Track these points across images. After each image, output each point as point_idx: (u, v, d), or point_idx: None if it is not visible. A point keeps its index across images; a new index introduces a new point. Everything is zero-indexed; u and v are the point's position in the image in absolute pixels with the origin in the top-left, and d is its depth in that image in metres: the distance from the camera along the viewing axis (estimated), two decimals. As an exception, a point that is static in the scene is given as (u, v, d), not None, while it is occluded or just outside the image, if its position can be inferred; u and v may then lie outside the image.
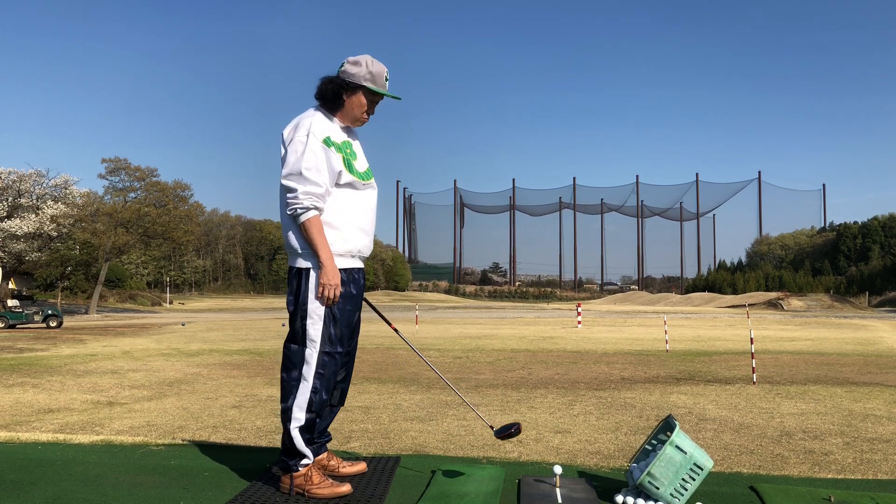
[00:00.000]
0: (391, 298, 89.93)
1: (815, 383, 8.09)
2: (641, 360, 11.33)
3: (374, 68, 3.03)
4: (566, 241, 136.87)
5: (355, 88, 3.02)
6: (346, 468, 3.29)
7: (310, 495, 2.94)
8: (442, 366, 10.19)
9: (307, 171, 2.90)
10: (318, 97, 3.07)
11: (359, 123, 3.13)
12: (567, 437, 4.92)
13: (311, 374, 2.96)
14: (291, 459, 2.99)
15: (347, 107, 3.05)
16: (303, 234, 2.96)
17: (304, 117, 3.03)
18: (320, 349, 2.97)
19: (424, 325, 24.40)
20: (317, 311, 2.97)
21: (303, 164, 2.90)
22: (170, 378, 8.82)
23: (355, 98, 3.04)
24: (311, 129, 2.95)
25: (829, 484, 3.41)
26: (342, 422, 5.46)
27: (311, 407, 2.96)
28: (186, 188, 47.63)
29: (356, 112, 3.07)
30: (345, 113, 3.07)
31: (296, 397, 2.96)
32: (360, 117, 3.10)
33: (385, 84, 3.07)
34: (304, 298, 2.98)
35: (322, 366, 2.97)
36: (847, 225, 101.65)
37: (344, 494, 2.94)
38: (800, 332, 21.41)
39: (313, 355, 2.97)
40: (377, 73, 3.03)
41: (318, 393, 2.97)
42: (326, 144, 2.96)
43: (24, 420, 5.72)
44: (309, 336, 2.97)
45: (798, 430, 5.20)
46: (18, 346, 15.36)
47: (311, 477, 2.97)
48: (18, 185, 40.97)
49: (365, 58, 3.04)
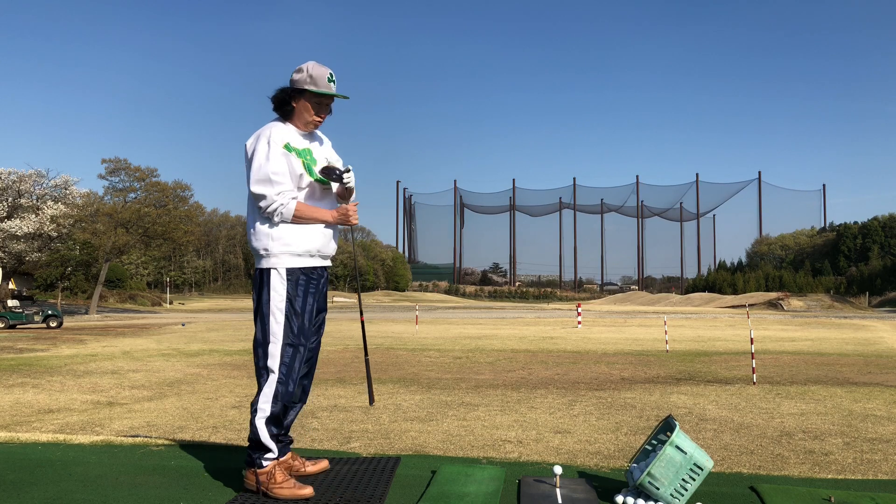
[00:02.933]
0: (391, 299, 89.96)
1: (815, 383, 8.09)
2: (641, 361, 11.32)
3: (314, 71, 3.18)
4: (566, 242, 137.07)
5: (300, 93, 3.18)
6: (309, 468, 3.34)
7: (271, 494, 2.97)
8: (442, 366, 10.19)
9: (274, 176, 3.06)
10: (274, 108, 3.25)
11: (312, 126, 3.26)
12: (567, 437, 4.91)
13: (276, 366, 3.06)
14: (255, 453, 3.03)
15: (297, 112, 3.20)
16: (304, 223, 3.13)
17: (264, 128, 3.20)
18: (283, 341, 3.08)
19: (424, 326, 24.40)
20: (278, 306, 3.09)
21: (269, 169, 3.06)
22: (170, 378, 8.81)
23: (302, 102, 3.19)
24: (270, 137, 3.11)
25: (829, 484, 3.41)
26: (342, 422, 5.47)
27: (277, 398, 3.04)
28: (186, 188, 47.63)
29: (306, 116, 3.21)
30: (297, 118, 3.22)
31: (262, 390, 3.06)
32: (311, 120, 3.23)
33: (329, 85, 3.19)
34: (266, 298, 3.11)
35: (287, 356, 3.08)
36: (847, 225, 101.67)
37: (306, 497, 2.96)
38: (800, 333, 21.41)
39: (277, 347, 3.07)
40: (318, 75, 3.17)
41: (284, 384, 3.06)
42: (287, 150, 3.11)
43: (24, 420, 5.72)
44: (272, 332, 3.08)
45: (798, 430, 5.20)
46: (18, 346, 15.36)
47: (275, 475, 3.01)
48: (18, 186, 40.97)
49: (307, 64, 3.21)
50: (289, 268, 3.11)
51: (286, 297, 3.09)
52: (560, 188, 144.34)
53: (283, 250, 3.10)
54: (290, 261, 3.11)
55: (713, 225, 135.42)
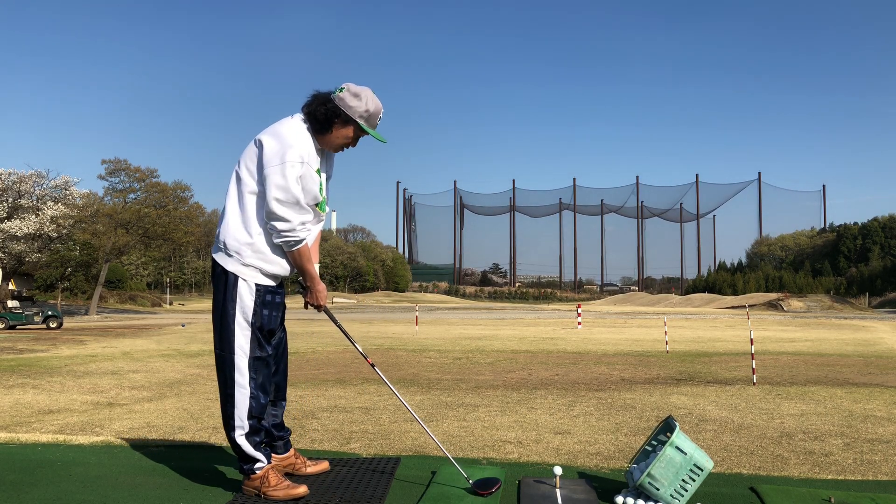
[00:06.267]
0: (391, 299, 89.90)
1: (815, 384, 8.09)
2: (641, 361, 11.33)
3: (371, 107, 2.95)
4: (566, 242, 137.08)
5: (347, 121, 2.95)
6: (309, 468, 3.35)
7: (267, 497, 2.98)
8: (442, 367, 10.19)
9: (304, 201, 2.90)
10: (308, 115, 2.98)
11: (335, 150, 3.08)
12: (567, 437, 4.91)
13: (246, 381, 2.99)
14: (246, 465, 3.04)
15: (334, 135, 2.98)
16: (293, 259, 3.00)
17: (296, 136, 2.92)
18: (250, 355, 2.99)
19: (424, 326, 24.39)
20: (245, 317, 2.97)
21: (299, 194, 2.87)
22: (170, 379, 8.81)
23: (344, 130, 2.97)
24: (304, 157, 2.88)
25: (830, 485, 3.41)
26: (342, 423, 5.47)
27: (251, 413, 3.00)
28: (186, 189, 47.65)
29: (339, 142, 3.01)
30: (328, 140, 3.00)
31: (236, 406, 2.99)
32: (339, 147, 3.04)
33: (377, 124, 3.01)
34: (232, 305, 2.98)
35: (255, 370, 3.00)
36: (847, 226, 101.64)
37: (300, 496, 2.97)
38: (800, 333, 21.41)
39: (244, 362, 2.98)
40: (374, 112, 2.96)
41: (256, 399, 3.01)
42: (318, 174, 2.97)
43: (24, 421, 5.72)
44: (238, 344, 2.98)
45: (798, 430, 5.20)
46: (18, 346, 15.36)
47: (268, 478, 3.01)
48: (19, 186, 40.96)
49: (366, 92, 2.95)
50: (258, 283, 2.98)
51: (253, 310, 2.97)
52: (560, 189, 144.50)
53: (256, 264, 2.96)
54: (257, 277, 2.98)
55: (713, 225, 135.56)
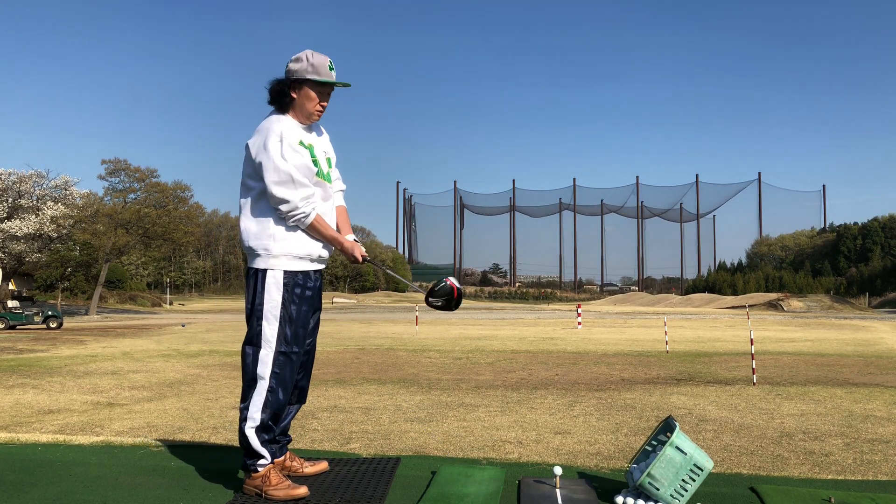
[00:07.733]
0: (391, 299, 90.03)
1: (815, 384, 8.09)
2: (641, 361, 11.32)
3: (315, 60, 3.03)
4: (566, 243, 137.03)
5: (301, 83, 3.03)
6: (307, 468, 3.33)
7: (267, 496, 2.97)
8: (442, 367, 10.19)
9: (297, 175, 2.93)
10: (270, 101, 3.08)
11: (314, 118, 3.12)
12: (567, 437, 4.91)
13: (267, 374, 2.98)
14: (250, 460, 3.02)
15: (298, 103, 3.05)
16: (312, 235, 3.03)
17: (271, 123, 3.01)
18: (276, 349, 2.99)
19: (424, 326, 24.38)
20: (272, 311, 2.99)
21: (289, 168, 2.92)
22: (170, 379, 8.81)
23: (303, 93, 3.03)
24: (282, 134, 2.95)
25: (830, 485, 3.41)
26: (342, 423, 5.47)
27: (266, 406, 2.99)
28: (186, 189, 47.66)
29: (308, 107, 3.06)
30: (298, 110, 3.06)
31: (252, 398, 2.99)
32: (312, 111, 3.08)
33: (330, 73, 3.05)
34: (260, 300, 3.00)
35: (278, 365, 2.99)
36: (847, 226, 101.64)
37: (300, 496, 2.96)
38: (800, 333, 21.41)
39: (269, 355, 2.99)
40: (319, 63, 3.03)
41: (274, 393, 2.99)
42: (302, 146, 2.99)
43: (24, 421, 5.72)
44: (264, 337, 2.99)
45: (798, 430, 5.20)
46: (18, 347, 15.36)
47: (269, 478, 3.00)
48: (18, 187, 40.96)
49: (305, 52, 3.05)
50: (287, 270, 3.00)
51: (281, 303, 2.99)
52: (560, 189, 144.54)
53: (284, 251, 2.99)
54: (289, 263, 3.00)
55: (713, 225, 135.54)
